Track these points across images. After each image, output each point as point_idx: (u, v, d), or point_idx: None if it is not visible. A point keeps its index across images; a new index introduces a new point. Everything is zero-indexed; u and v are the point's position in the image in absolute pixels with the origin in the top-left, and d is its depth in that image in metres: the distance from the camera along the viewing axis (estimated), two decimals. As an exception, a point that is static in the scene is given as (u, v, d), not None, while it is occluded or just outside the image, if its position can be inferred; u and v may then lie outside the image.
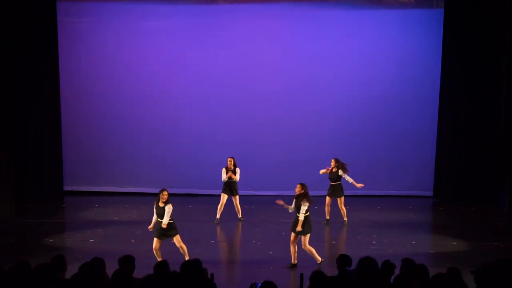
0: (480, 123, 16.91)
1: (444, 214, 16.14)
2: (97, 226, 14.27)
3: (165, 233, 11.24)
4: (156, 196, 11.25)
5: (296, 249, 11.53)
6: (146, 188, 17.37)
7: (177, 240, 11.36)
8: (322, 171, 14.41)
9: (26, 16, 16.72)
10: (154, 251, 11.29)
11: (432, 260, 11.89)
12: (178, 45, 17.34)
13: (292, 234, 11.46)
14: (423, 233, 14.25)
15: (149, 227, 11.46)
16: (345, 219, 14.55)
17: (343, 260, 7.36)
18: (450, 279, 6.55)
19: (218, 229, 14.22)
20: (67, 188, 17.73)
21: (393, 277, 6.84)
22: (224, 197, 14.61)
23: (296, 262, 11.52)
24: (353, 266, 7.44)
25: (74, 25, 17.37)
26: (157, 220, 11.26)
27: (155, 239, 11.30)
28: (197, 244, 12.66)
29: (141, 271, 6.90)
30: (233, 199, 14.71)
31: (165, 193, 11.13)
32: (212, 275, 7.68)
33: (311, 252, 11.43)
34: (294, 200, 11.42)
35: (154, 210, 11.28)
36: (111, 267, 7.19)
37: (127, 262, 7.41)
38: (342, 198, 14.45)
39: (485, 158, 16.98)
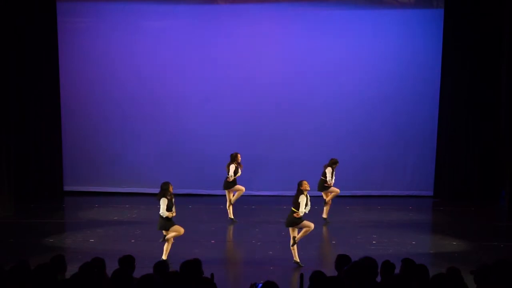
0: (480, 123, 16.91)
1: (444, 214, 16.13)
2: (97, 226, 14.26)
3: None
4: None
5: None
6: (146, 188, 17.35)
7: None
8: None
9: (26, 16, 16.71)
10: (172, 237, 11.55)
11: (432, 260, 11.89)
12: (178, 45, 17.33)
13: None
14: (423, 233, 14.24)
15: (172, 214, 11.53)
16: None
17: (342, 260, 7.34)
18: (450, 279, 6.54)
19: (218, 229, 14.21)
20: (67, 188, 17.71)
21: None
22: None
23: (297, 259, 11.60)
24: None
25: (74, 25, 17.37)
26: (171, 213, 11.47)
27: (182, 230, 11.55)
28: (197, 244, 12.66)
29: (141, 271, 6.88)
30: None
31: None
32: (212, 275, 7.67)
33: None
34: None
35: (167, 204, 11.32)
36: (111, 267, 7.18)
37: (127, 262, 7.40)
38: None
39: (485, 158, 16.97)
